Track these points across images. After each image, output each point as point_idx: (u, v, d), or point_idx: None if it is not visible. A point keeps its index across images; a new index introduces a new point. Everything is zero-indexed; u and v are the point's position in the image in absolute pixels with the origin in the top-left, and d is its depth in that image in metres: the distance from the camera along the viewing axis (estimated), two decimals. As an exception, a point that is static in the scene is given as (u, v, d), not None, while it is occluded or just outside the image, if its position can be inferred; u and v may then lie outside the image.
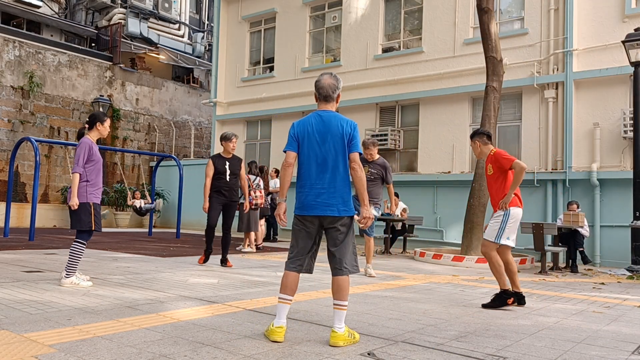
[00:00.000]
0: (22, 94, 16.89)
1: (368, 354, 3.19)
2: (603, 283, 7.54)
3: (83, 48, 19.50)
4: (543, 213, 11.49)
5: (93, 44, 21.17)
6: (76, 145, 5.43)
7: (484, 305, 5.07)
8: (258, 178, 10.40)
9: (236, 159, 7.53)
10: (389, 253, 11.40)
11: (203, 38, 23.98)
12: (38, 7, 19.79)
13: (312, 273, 3.66)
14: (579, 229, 9.18)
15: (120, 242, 11.22)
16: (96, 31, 21.01)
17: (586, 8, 11.34)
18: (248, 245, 10.39)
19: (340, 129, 3.52)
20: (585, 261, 9.46)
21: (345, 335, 3.38)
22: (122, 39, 20.19)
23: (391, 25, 14.42)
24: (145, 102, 20.22)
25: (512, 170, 5.12)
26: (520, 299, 5.11)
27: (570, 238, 9.27)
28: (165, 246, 10.75)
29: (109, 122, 5.59)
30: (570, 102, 11.22)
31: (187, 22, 23.77)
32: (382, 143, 13.42)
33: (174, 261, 8.00)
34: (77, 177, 5.26)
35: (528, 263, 9.54)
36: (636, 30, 9.06)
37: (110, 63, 19.39)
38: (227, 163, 7.40)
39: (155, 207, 14.78)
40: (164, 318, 3.95)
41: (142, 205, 15.01)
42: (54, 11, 21.41)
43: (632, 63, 9.04)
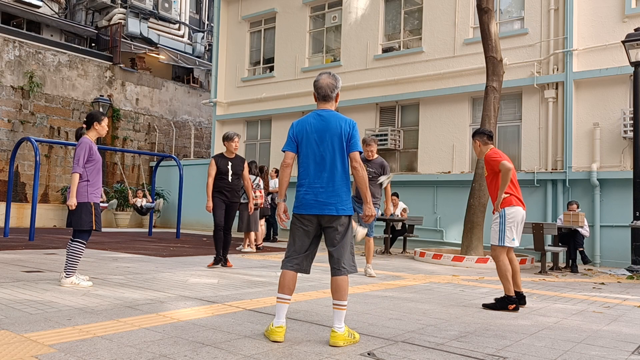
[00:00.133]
0: (22, 94, 16.89)
1: (368, 354, 3.19)
2: (603, 283, 7.54)
3: (83, 48, 19.49)
4: (543, 213, 11.50)
5: (93, 44, 21.17)
6: (76, 145, 5.42)
7: (485, 305, 5.07)
8: (258, 178, 10.43)
9: (239, 159, 7.49)
10: (389, 253, 11.40)
11: (203, 38, 23.98)
12: (38, 7, 19.79)
13: (309, 273, 3.65)
14: (579, 229, 9.18)
15: (120, 242, 11.22)
16: (96, 31, 21.01)
17: (586, 8, 11.34)
18: (248, 245, 10.40)
19: (338, 128, 3.51)
20: (585, 261, 9.46)
21: (345, 335, 3.37)
22: (122, 39, 20.19)
23: (391, 25, 14.42)
24: (145, 102, 20.22)
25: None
26: (520, 299, 5.10)
27: (570, 238, 9.27)
28: (165, 246, 10.75)
29: (107, 121, 5.58)
30: (570, 102, 11.22)
31: (187, 22, 23.77)
32: (382, 143, 13.42)
33: (174, 261, 8.00)
34: (77, 177, 5.24)
35: (528, 263, 9.54)
36: (636, 30, 9.06)
37: (110, 63, 19.39)
38: (230, 163, 7.35)
39: (155, 207, 14.78)
40: (164, 318, 3.95)
41: (144, 204, 15.04)
42: (54, 11, 21.41)
43: (632, 63, 9.04)
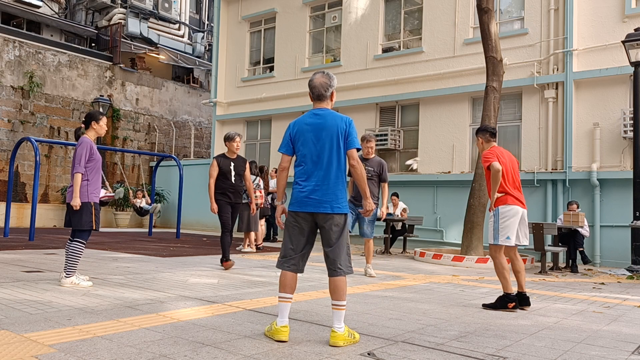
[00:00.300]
0: (22, 94, 16.89)
1: (368, 354, 3.19)
2: (603, 283, 7.54)
3: (83, 48, 19.49)
4: (543, 213, 11.50)
5: (93, 44, 21.17)
6: (76, 145, 5.41)
7: (485, 305, 5.07)
8: (258, 178, 10.43)
9: (241, 159, 7.43)
10: (389, 253, 11.40)
11: (203, 38, 23.98)
12: (38, 7, 19.78)
13: (303, 272, 3.65)
14: (579, 229, 9.18)
15: (120, 242, 11.22)
16: (96, 31, 21.01)
17: (586, 8, 11.34)
18: (248, 245, 10.40)
19: (335, 126, 3.51)
20: (585, 261, 9.46)
21: (345, 335, 3.37)
22: (122, 39, 20.18)
23: (391, 25, 14.42)
24: (145, 102, 20.22)
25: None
26: (522, 300, 5.02)
27: (570, 238, 9.27)
28: (165, 246, 10.75)
29: (105, 121, 5.56)
30: (570, 102, 11.22)
31: (187, 22, 23.77)
32: (382, 143, 13.42)
33: (174, 261, 8.00)
34: (79, 177, 5.22)
35: (528, 263, 9.54)
36: (636, 30, 9.06)
37: (110, 63, 19.39)
38: (232, 163, 7.27)
39: (151, 210, 14.59)
40: (164, 318, 3.95)
41: (143, 205, 15.03)
42: (54, 11, 21.41)
43: (632, 63, 9.04)
